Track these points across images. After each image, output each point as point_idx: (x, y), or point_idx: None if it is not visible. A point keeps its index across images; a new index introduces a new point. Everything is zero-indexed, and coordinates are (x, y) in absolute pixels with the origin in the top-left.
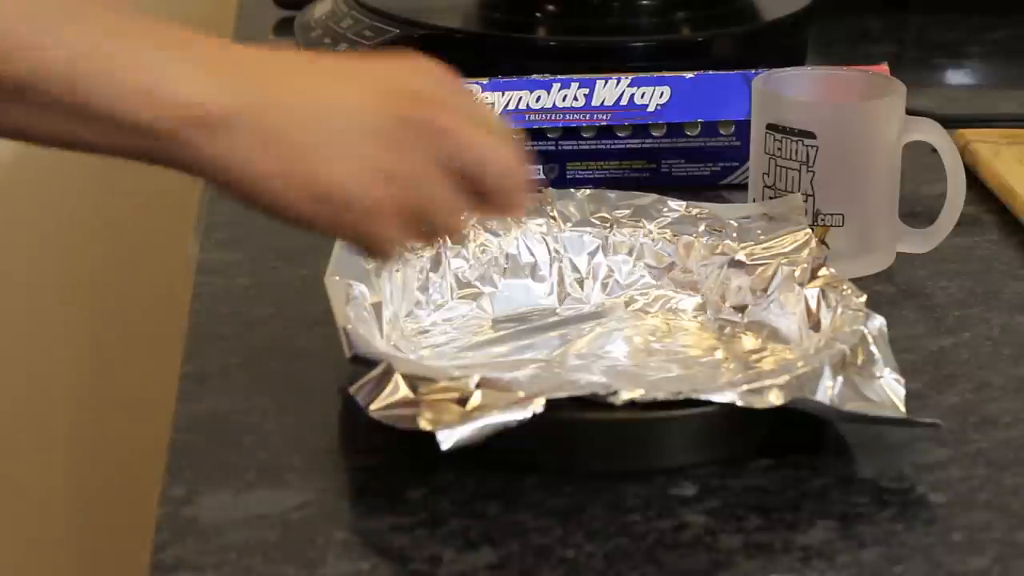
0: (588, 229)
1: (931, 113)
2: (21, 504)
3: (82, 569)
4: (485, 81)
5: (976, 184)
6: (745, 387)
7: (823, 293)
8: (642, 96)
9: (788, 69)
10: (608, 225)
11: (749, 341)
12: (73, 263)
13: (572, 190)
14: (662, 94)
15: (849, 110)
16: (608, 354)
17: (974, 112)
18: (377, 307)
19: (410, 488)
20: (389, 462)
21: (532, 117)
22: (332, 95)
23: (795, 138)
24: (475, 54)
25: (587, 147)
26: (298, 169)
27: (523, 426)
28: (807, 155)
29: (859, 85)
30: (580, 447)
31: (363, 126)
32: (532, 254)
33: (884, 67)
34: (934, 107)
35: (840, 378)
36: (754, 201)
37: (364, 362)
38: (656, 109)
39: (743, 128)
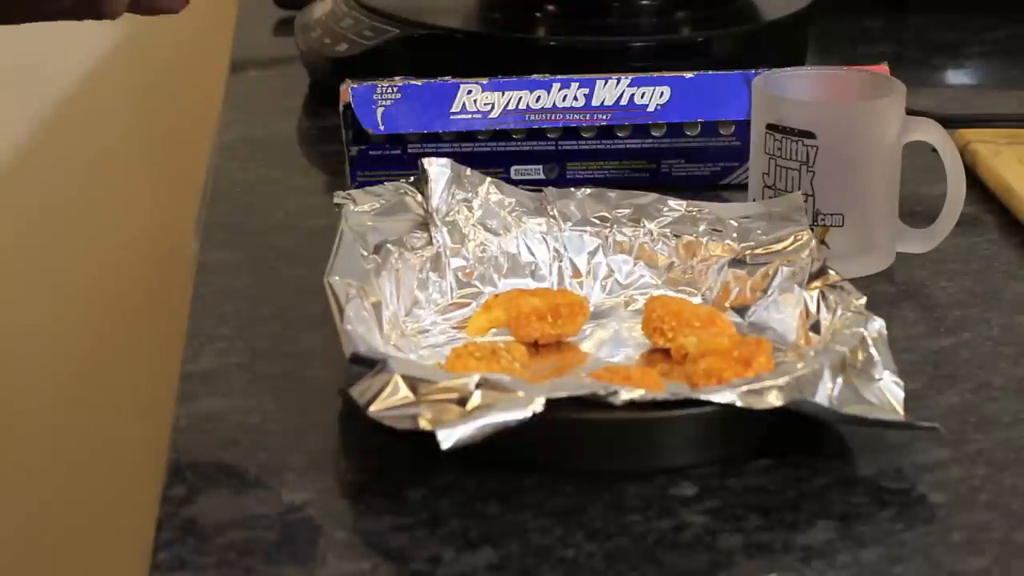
0: (588, 229)
1: (931, 113)
2: (21, 504)
3: (82, 569)
4: (485, 81)
5: (976, 184)
6: (745, 388)
7: (823, 294)
8: (642, 96)
9: (788, 69)
10: (608, 225)
11: None
12: (73, 263)
13: (572, 190)
14: (662, 94)
15: (849, 110)
16: (608, 354)
17: (974, 112)
18: (377, 307)
19: (410, 488)
20: (389, 462)
21: (532, 117)
22: None
23: (795, 138)
24: (475, 54)
25: (587, 147)
26: None
27: (523, 426)
28: (807, 155)
29: (859, 85)
30: (580, 447)
31: None
32: (532, 254)
33: (884, 67)
34: (934, 107)
35: (840, 380)
36: (754, 201)
37: (364, 362)
38: (656, 109)
39: (743, 128)
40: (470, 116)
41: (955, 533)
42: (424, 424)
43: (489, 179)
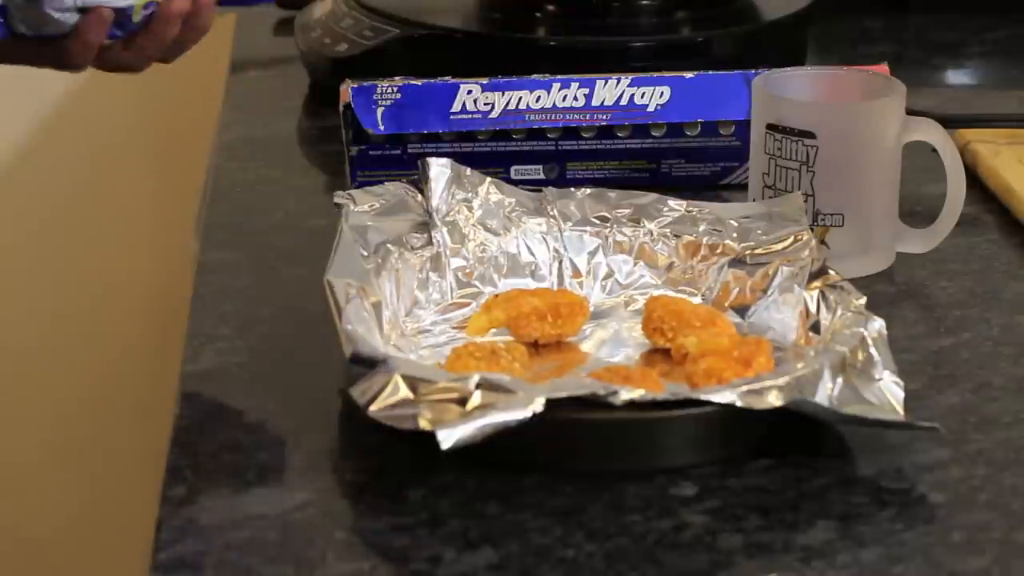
0: (588, 229)
1: (931, 113)
2: (21, 504)
3: (82, 569)
4: (485, 81)
5: (976, 184)
6: (745, 388)
7: (823, 294)
8: (642, 96)
9: (788, 69)
10: (608, 225)
11: None
12: (73, 263)
13: (572, 190)
14: (662, 94)
15: (849, 110)
16: (608, 354)
17: (974, 112)
18: (377, 307)
19: (410, 488)
20: (389, 462)
21: (532, 117)
22: None
23: (795, 138)
24: (475, 54)
25: (587, 147)
26: None
27: (523, 426)
28: (807, 155)
29: (859, 85)
30: (580, 447)
31: None
32: (532, 254)
33: (884, 67)
34: (934, 107)
35: (840, 380)
36: (754, 201)
37: (364, 362)
38: (656, 109)
39: (743, 128)
40: (470, 116)
41: (955, 533)
42: (424, 424)
43: (489, 179)
